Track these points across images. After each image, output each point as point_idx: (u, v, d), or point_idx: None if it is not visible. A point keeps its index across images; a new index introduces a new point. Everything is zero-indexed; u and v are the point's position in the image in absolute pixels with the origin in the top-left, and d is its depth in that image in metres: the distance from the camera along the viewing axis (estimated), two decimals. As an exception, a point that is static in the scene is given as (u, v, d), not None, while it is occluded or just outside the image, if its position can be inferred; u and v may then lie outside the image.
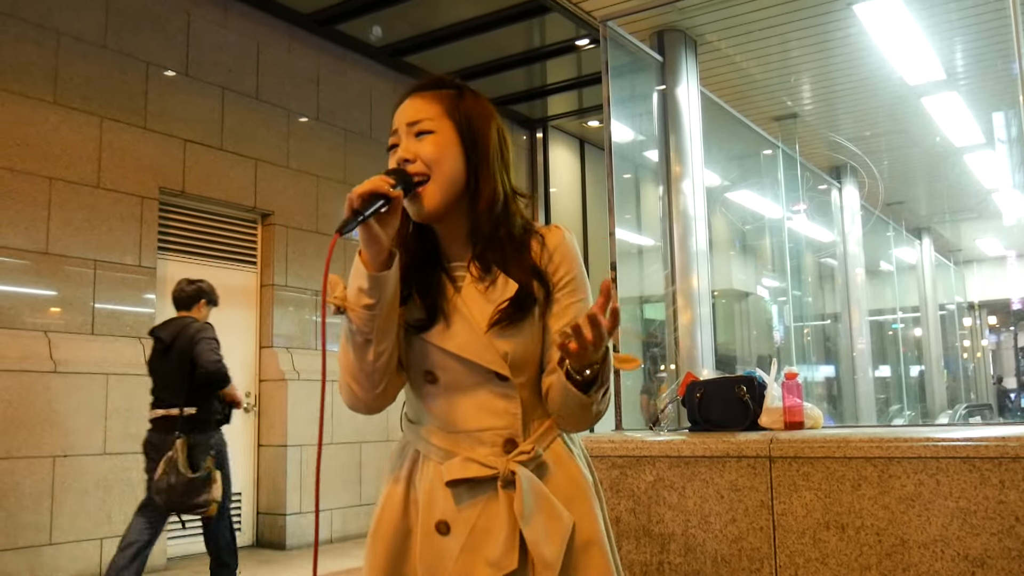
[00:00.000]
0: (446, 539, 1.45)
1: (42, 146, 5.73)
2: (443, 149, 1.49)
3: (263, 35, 7.30)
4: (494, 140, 1.55)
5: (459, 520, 1.46)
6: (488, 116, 1.56)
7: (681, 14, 5.35)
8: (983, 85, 6.88)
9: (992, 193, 10.03)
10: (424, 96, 1.54)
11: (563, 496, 1.48)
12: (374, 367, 1.47)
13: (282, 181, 7.32)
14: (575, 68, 8.60)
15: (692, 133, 5.45)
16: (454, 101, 1.53)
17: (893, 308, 12.45)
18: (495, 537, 1.43)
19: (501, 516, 1.44)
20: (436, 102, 1.53)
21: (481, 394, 1.49)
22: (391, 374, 1.50)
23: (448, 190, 1.49)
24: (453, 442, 1.49)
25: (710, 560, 2.70)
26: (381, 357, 1.46)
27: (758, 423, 3.05)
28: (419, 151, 1.49)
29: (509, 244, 1.51)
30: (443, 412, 1.51)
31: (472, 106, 1.54)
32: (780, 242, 8.53)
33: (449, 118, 1.52)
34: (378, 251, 1.41)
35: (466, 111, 1.53)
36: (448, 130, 1.51)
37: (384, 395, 1.52)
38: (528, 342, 1.48)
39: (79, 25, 6.00)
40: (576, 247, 1.56)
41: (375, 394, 1.51)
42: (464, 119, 1.52)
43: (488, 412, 1.49)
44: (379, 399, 1.52)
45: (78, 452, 5.59)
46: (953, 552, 2.34)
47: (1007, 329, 18.30)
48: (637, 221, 6.62)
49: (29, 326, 5.56)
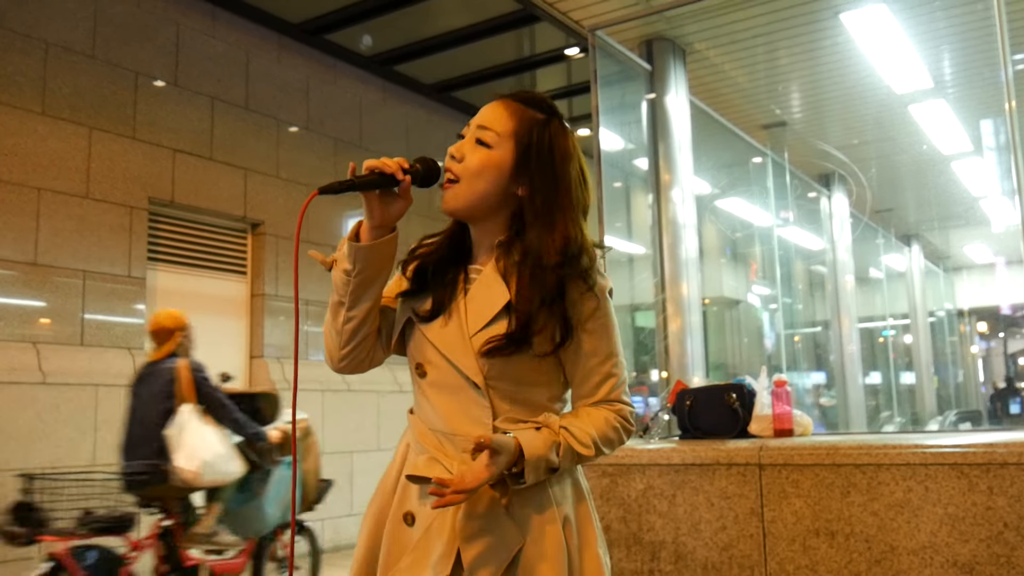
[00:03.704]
0: (410, 530, 1.49)
1: (30, 156, 5.71)
2: (488, 167, 1.50)
3: (252, 45, 7.30)
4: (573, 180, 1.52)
5: (422, 515, 1.49)
6: (567, 154, 1.52)
7: (669, 23, 5.38)
8: (970, 93, 6.93)
9: (980, 200, 10.08)
10: (509, 106, 1.54)
11: (521, 516, 1.46)
12: (342, 328, 1.53)
13: (272, 191, 7.31)
14: (564, 77, 8.62)
15: (681, 141, 5.47)
16: (534, 125, 1.52)
17: (883, 315, 12.49)
18: (441, 540, 1.45)
19: (447, 523, 1.46)
20: (514, 118, 1.52)
21: (461, 398, 1.50)
22: (361, 344, 1.55)
23: (472, 202, 1.51)
24: (428, 439, 1.52)
25: (700, 568, 2.70)
26: (350, 322, 1.52)
27: (748, 431, 3.05)
28: (467, 156, 1.51)
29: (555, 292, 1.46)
30: (427, 408, 1.54)
31: (553, 138, 1.52)
32: (770, 250, 8.56)
33: (515, 139, 1.51)
34: (371, 223, 1.46)
35: (542, 141, 1.51)
36: (507, 152, 1.50)
37: (350, 361, 1.57)
38: (518, 360, 1.47)
39: (67, 35, 5.99)
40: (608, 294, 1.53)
41: (340, 354, 1.56)
42: (535, 147, 1.50)
43: (464, 417, 1.49)
44: (344, 361, 1.57)
45: (67, 464, 5.56)
46: (942, 558, 2.35)
47: (996, 336, 18.38)
48: (627, 229, 6.63)
49: (17, 337, 5.54)
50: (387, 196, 1.46)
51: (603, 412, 1.53)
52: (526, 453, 1.40)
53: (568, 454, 1.46)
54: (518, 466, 1.41)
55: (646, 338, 6.05)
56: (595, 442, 1.49)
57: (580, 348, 1.50)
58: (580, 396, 1.55)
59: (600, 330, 1.51)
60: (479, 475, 1.37)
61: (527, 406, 1.51)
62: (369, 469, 7.51)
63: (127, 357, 6.03)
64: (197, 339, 4.63)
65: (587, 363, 1.51)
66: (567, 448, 1.45)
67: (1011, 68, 3.50)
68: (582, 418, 1.51)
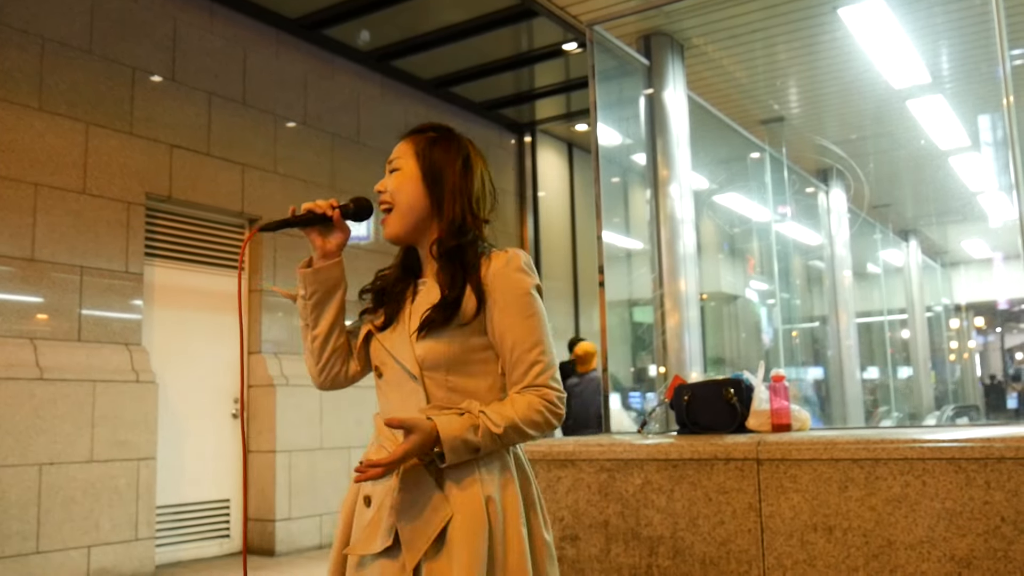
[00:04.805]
0: (368, 510, 1.72)
1: (27, 152, 5.70)
2: (403, 182, 1.79)
3: (250, 40, 7.28)
4: (455, 174, 1.78)
5: (375, 495, 1.72)
6: (452, 155, 1.79)
7: (668, 18, 5.37)
8: (968, 88, 6.92)
9: (978, 195, 10.08)
10: (405, 139, 1.84)
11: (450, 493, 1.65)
12: (311, 347, 1.84)
13: (270, 186, 7.30)
14: (563, 72, 8.62)
15: (679, 137, 5.46)
16: (423, 143, 1.80)
17: (880, 310, 12.50)
18: (387, 515, 1.68)
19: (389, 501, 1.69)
20: (410, 143, 1.82)
21: (405, 390, 1.74)
22: (332, 359, 1.84)
23: (407, 216, 1.78)
24: (384, 431, 1.74)
25: (698, 563, 2.71)
26: (315, 340, 1.82)
27: (746, 426, 3.06)
28: (388, 184, 1.80)
29: (459, 263, 1.73)
30: (384, 404, 1.79)
31: (439, 146, 1.80)
32: (768, 245, 8.56)
33: (414, 155, 1.80)
34: (317, 254, 1.80)
35: (431, 151, 1.79)
36: (412, 167, 1.79)
37: (327, 376, 1.86)
38: (447, 347, 1.70)
39: (64, 31, 5.97)
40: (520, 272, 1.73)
41: (317, 370, 1.86)
42: (428, 158, 1.78)
43: (406, 407, 1.72)
44: (322, 376, 1.86)
45: (64, 460, 5.56)
46: (940, 553, 2.35)
47: (994, 331, 18.40)
48: (625, 224, 6.62)
49: (15, 333, 5.53)
50: (325, 230, 1.79)
51: (527, 397, 1.69)
52: (442, 435, 1.59)
53: (487, 436, 1.63)
54: (438, 447, 1.61)
55: (644, 333, 6.06)
56: (512, 424, 1.64)
57: (504, 338, 1.70)
58: (511, 384, 1.72)
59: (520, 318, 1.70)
60: (395, 452, 1.59)
61: (465, 395, 1.71)
62: (367, 465, 7.52)
63: (124, 353, 6.03)
64: (194, 335, 4.69)
65: (512, 353, 1.70)
66: (485, 430, 1.62)
67: (1009, 63, 3.50)
68: (505, 403, 1.68)
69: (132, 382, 5.98)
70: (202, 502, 6.70)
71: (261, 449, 6.95)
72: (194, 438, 6.66)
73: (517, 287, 1.72)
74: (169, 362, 6.50)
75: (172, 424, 6.47)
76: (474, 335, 1.72)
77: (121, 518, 5.81)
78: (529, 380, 1.70)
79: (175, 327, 6.63)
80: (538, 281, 1.76)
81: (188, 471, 6.60)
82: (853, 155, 8.43)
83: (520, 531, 1.67)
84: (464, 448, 1.62)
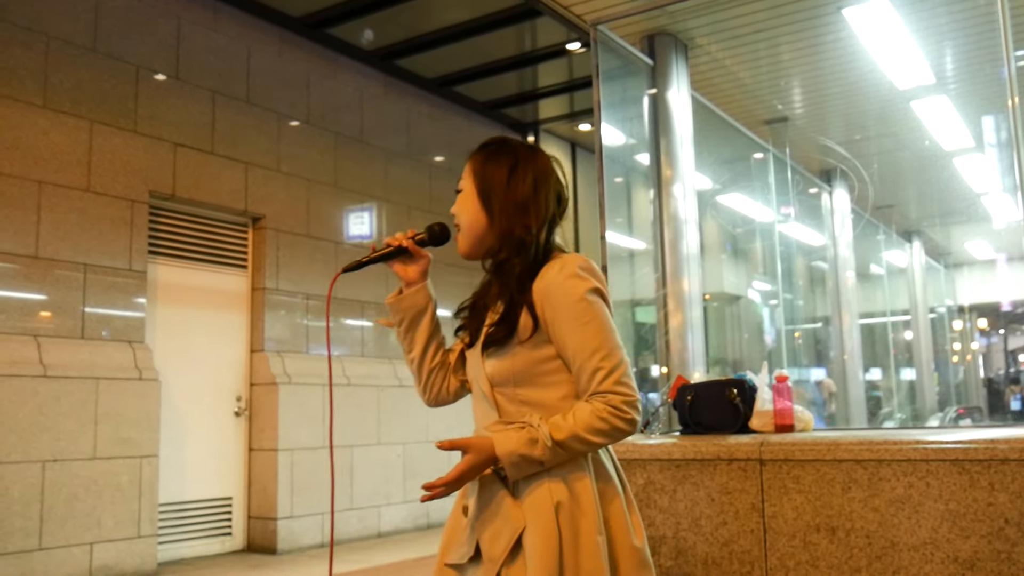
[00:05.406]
0: (465, 520, 1.78)
1: (31, 150, 5.70)
2: (464, 202, 1.84)
3: (253, 39, 7.29)
4: (501, 186, 1.81)
5: (471, 506, 1.76)
6: (500, 167, 1.82)
7: (672, 18, 5.37)
8: (972, 89, 6.91)
9: (981, 196, 10.06)
10: (469, 158, 1.89)
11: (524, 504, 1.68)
12: (411, 369, 1.96)
13: (273, 185, 7.30)
14: (566, 72, 8.61)
15: (683, 137, 5.46)
16: (480, 160, 1.85)
17: (884, 311, 12.48)
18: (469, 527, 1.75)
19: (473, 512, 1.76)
20: (470, 163, 1.87)
21: (483, 406, 1.80)
22: (432, 377, 1.94)
23: (470, 235, 1.84)
24: None
25: (701, 563, 2.71)
26: (413, 363, 1.94)
27: (749, 426, 3.05)
28: (456, 206, 1.87)
29: (511, 277, 1.76)
30: (474, 416, 1.86)
31: (491, 160, 1.84)
32: (771, 245, 8.55)
33: (473, 176, 1.85)
34: (403, 283, 1.91)
35: (485, 167, 1.83)
36: (470, 186, 1.84)
37: (432, 395, 1.96)
38: (511, 363, 1.73)
39: (68, 28, 5.98)
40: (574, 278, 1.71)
41: (421, 389, 1.97)
42: (481, 174, 1.83)
43: (485, 421, 1.79)
44: (427, 395, 1.97)
45: (68, 457, 5.57)
46: (943, 554, 2.35)
47: (997, 332, 18.37)
48: (628, 224, 6.62)
49: (18, 330, 5.54)
50: (406, 260, 1.90)
51: (592, 404, 1.67)
52: (498, 451, 1.64)
53: (546, 449, 1.63)
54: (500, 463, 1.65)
55: (647, 333, 6.06)
56: (574, 435, 1.64)
57: (566, 347, 1.70)
58: (580, 393, 1.72)
59: (577, 325, 1.69)
60: (452, 473, 1.65)
61: (537, 407, 1.72)
62: (369, 463, 7.52)
63: (127, 350, 6.04)
64: (197, 333, 4.67)
65: (575, 362, 1.70)
66: (544, 443, 1.63)
67: (1013, 64, 3.49)
68: (568, 413, 1.67)
69: (135, 380, 5.99)
70: (204, 500, 6.71)
71: (263, 447, 6.96)
72: (197, 436, 6.67)
73: (571, 294, 1.70)
74: (172, 360, 6.51)
75: (175, 422, 6.48)
76: (539, 347, 1.73)
77: (124, 515, 5.81)
78: (594, 387, 1.68)
79: (178, 325, 6.64)
80: (596, 284, 1.73)
81: (191, 469, 6.60)
82: (857, 156, 8.42)
83: (594, 538, 1.65)
84: (524, 462, 1.64)
